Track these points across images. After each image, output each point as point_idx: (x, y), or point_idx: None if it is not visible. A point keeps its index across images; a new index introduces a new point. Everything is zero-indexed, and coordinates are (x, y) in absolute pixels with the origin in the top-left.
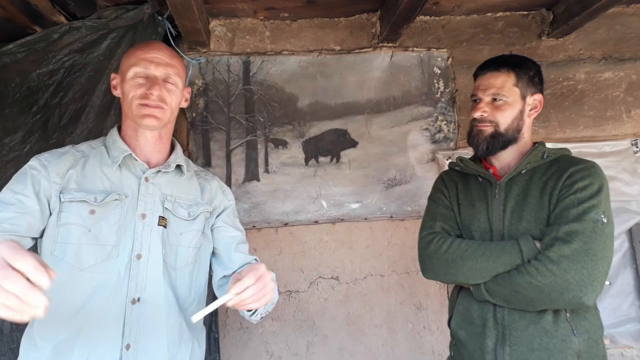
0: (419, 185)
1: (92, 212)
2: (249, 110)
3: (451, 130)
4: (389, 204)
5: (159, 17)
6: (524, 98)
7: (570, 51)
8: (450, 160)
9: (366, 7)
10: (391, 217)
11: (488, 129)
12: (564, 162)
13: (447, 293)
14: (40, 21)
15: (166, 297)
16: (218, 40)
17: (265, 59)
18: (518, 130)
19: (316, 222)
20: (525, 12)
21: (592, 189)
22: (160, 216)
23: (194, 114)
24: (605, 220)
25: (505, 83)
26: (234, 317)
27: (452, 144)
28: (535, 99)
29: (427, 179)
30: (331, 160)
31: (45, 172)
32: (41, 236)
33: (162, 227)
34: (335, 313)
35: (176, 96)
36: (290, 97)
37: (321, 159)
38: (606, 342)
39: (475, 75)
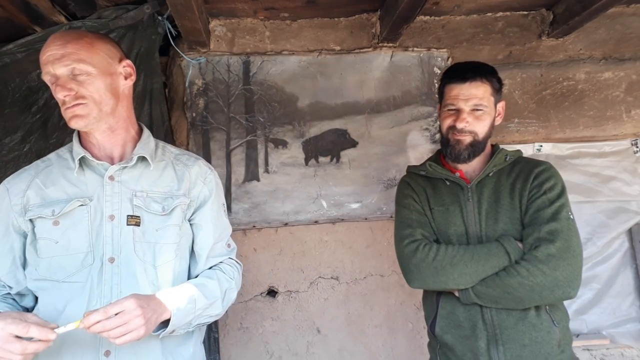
0: None
1: (56, 223)
2: (249, 110)
3: None
4: (389, 204)
5: (159, 17)
6: (495, 106)
7: (570, 51)
8: (408, 164)
9: (366, 7)
10: (391, 217)
11: (467, 139)
12: (524, 163)
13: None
14: (40, 21)
15: None
16: (218, 40)
17: (265, 59)
18: (490, 136)
19: (316, 222)
20: (525, 12)
21: (558, 189)
22: (129, 215)
23: (194, 114)
24: (572, 217)
25: (485, 93)
26: (234, 317)
27: None
28: (500, 106)
29: None
30: (331, 160)
31: (8, 198)
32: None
33: (132, 226)
34: (335, 313)
35: (94, 84)
36: (290, 97)
37: (321, 159)
38: (606, 342)
39: (446, 83)
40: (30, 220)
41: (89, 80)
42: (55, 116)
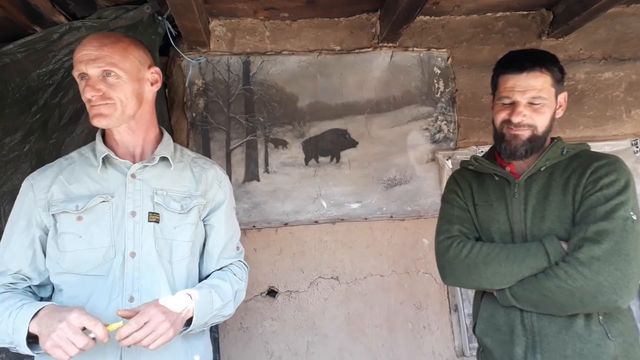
0: (419, 185)
1: (79, 218)
2: (249, 110)
3: (451, 130)
4: (389, 204)
5: (159, 17)
6: (556, 98)
7: (570, 51)
8: (462, 159)
9: (366, 7)
10: (391, 217)
11: (526, 133)
12: (585, 158)
13: (447, 293)
14: (40, 21)
15: (164, 292)
16: (218, 40)
17: (265, 59)
18: (550, 130)
19: (316, 222)
20: (525, 12)
21: (619, 185)
22: (150, 212)
23: (194, 114)
24: (635, 218)
25: (544, 84)
26: (234, 317)
27: (452, 144)
28: (562, 98)
29: (427, 179)
30: (331, 160)
31: (32, 192)
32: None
33: (153, 222)
34: (335, 313)
35: (122, 87)
36: (290, 97)
37: (321, 159)
38: None
39: (500, 74)
40: (53, 215)
41: (117, 83)
42: (55, 116)
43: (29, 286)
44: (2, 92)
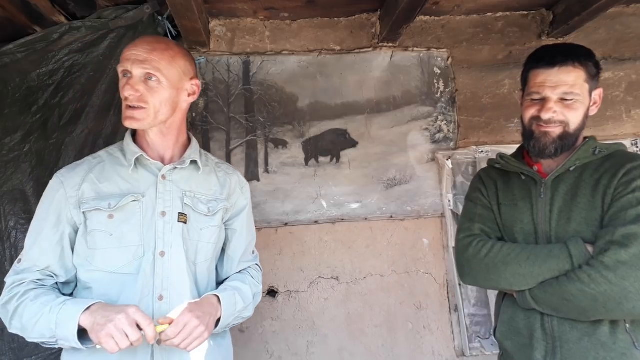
0: (419, 185)
1: (111, 217)
2: (249, 110)
3: (451, 130)
4: (389, 204)
5: (159, 17)
6: (590, 94)
7: None
8: (489, 157)
9: (366, 7)
10: (391, 217)
11: (556, 130)
12: (618, 158)
13: (447, 293)
14: (40, 21)
15: (191, 292)
16: (218, 40)
17: (265, 59)
18: (583, 128)
19: (316, 222)
20: (525, 12)
21: None
22: (179, 213)
23: (194, 114)
24: None
25: (577, 80)
26: None
27: (452, 144)
28: (597, 94)
29: (427, 179)
30: (331, 160)
31: (63, 189)
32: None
33: (182, 223)
34: (335, 313)
35: (160, 93)
36: (290, 97)
37: (321, 159)
38: None
39: (531, 68)
40: (84, 213)
41: (157, 88)
42: (55, 116)
43: (56, 283)
44: (2, 92)
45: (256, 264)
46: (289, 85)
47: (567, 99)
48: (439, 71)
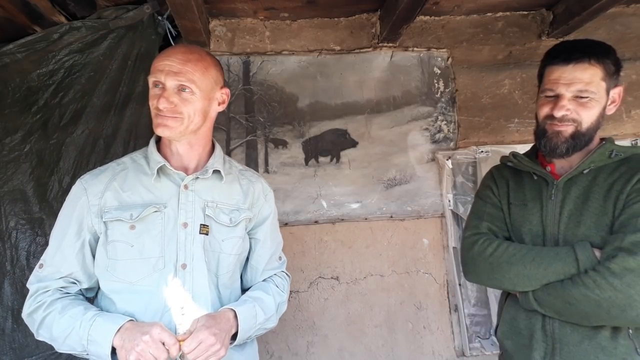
0: (419, 185)
1: (132, 227)
2: (249, 110)
3: (451, 130)
4: (389, 204)
5: (159, 17)
6: (607, 93)
7: None
8: (491, 157)
9: (366, 7)
10: (391, 217)
11: (569, 129)
12: (635, 162)
13: (447, 293)
14: (40, 21)
15: (212, 304)
16: (218, 40)
17: (265, 59)
18: (598, 128)
19: (316, 222)
20: (525, 12)
21: None
22: (201, 224)
23: None
24: None
25: (593, 77)
26: None
27: (452, 144)
28: (615, 93)
29: (427, 179)
30: (331, 160)
31: (85, 197)
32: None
33: (203, 234)
34: (335, 313)
35: (194, 104)
36: (290, 97)
37: (321, 159)
38: None
39: (547, 64)
40: (105, 222)
41: (191, 99)
42: (56, 116)
43: (80, 289)
44: (2, 92)
45: (282, 271)
46: (289, 85)
47: (582, 96)
48: (439, 71)
